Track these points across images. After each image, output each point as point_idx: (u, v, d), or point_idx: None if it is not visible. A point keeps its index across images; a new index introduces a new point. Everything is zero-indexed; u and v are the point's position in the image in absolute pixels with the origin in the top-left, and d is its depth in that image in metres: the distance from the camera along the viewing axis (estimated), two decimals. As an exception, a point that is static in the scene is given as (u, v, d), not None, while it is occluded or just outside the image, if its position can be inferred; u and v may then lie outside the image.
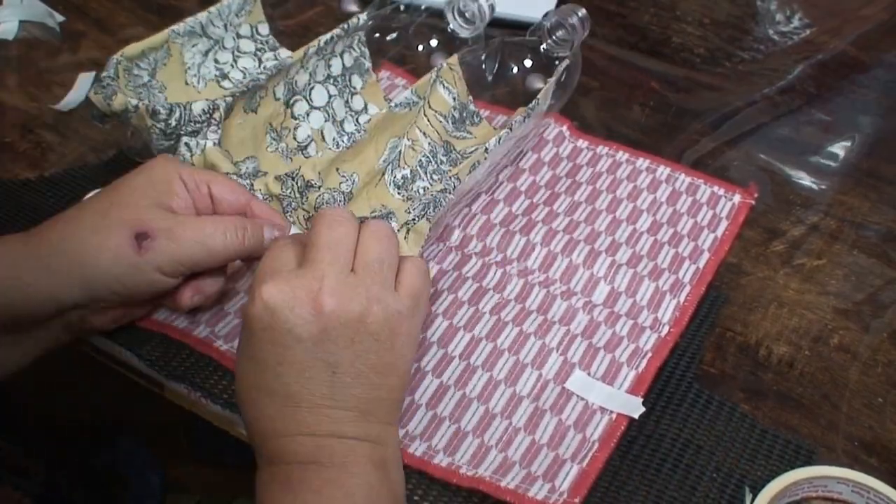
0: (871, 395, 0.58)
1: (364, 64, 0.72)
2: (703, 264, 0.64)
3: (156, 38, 0.67)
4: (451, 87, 0.68)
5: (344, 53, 0.71)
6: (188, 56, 0.69)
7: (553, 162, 0.71)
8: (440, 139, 0.66)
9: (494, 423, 0.55)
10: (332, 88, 0.70)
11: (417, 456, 0.53)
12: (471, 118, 0.70)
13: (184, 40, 0.68)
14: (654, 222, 0.67)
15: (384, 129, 0.65)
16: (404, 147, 0.65)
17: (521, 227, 0.66)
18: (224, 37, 0.71)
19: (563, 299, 0.61)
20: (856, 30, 0.86)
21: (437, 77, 0.67)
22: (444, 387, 0.56)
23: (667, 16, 0.87)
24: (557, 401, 0.56)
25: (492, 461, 0.53)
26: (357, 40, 0.71)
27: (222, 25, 0.71)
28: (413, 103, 0.67)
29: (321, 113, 0.69)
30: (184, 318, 0.59)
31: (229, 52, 0.71)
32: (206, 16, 0.70)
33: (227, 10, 0.71)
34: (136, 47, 0.66)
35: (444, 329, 0.59)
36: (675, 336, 0.59)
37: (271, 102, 0.67)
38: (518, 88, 0.72)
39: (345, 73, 0.71)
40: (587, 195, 0.69)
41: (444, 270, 0.63)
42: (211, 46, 0.70)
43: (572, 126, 0.73)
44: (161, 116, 0.61)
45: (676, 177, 0.70)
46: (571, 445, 0.53)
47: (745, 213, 0.68)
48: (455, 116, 0.68)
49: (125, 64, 0.65)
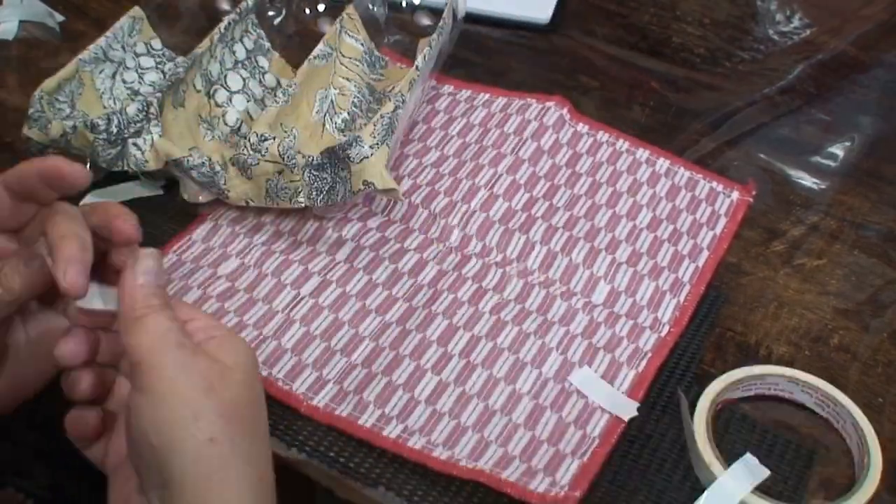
0: (871, 395, 0.58)
1: (263, 45, 0.74)
2: (703, 263, 0.64)
3: (67, 70, 0.68)
4: (356, 35, 0.73)
5: (244, 38, 0.72)
6: (98, 82, 0.70)
7: (553, 150, 0.71)
8: (363, 81, 0.71)
9: (494, 419, 0.55)
10: (244, 72, 0.72)
11: (417, 449, 0.53)
12: (379, 62, 0.74)
13: (92, 67, 0.70)
14: (654, 218, 0.67)
15: (310, 83, 0.69)
16: (334, 96, 0.68)
17: (521, 225, 0.66)
18: (125, 57, 0.72)
19: (563, 300, 0.61)
20: (856, 30, 0.85)
21: (342, 27, 0.72)
22: (444, 384, 0.56)
23: (667, 16, 0.87)
24: (557, 398, 0.56)
25: (492, 455, 0.53)
26: (251, 23, 0.73)
27: (120, 47, 0.72)
28: (328, 55, 0.70)
29: (242, 96, 0.70)
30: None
31: (133, 70, 0.72)
32: (105, 41, 0.71)
33: (121, 33, 0.72)
34: (52, 81, 0.67)
35: (444, 328, 0.59)
36: (675, 336, 0.59)
37: (194, 95, 0.68)
38: (411, 29, 0.77)
39: (250, 56, 0.73)
40: (587, 188, 0.69)
41: (443, 271, 0.63)
42: (116, 69, 0.71)
43: (572, 109, 0.73)
44: (101, 128, 0.63)
45: (676, 170, 0.70)
46: (572, 441, 0.53)
47: (743, 210, 0.68)
48: (367, 60, 0.73)
49: (47, 98, 0.66)
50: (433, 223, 0.66)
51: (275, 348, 0.58)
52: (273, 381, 0.56)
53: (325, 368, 0.57)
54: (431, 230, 0.65)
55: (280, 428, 0.54)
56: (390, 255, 0.63)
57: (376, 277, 0.62)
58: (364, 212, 0.66)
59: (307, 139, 0.66)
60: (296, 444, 0.54)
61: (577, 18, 0.86)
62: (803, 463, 0.54)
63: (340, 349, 0.58)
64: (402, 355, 0.58)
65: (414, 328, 0.59)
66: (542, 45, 0.83)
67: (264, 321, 0.59)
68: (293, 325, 0.59)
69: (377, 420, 0.54)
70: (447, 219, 0.66)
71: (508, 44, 0.73)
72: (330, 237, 0.64)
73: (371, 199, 0.67)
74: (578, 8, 0.87)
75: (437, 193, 0.67)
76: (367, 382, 0.56)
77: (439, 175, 0.68)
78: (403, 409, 0.55)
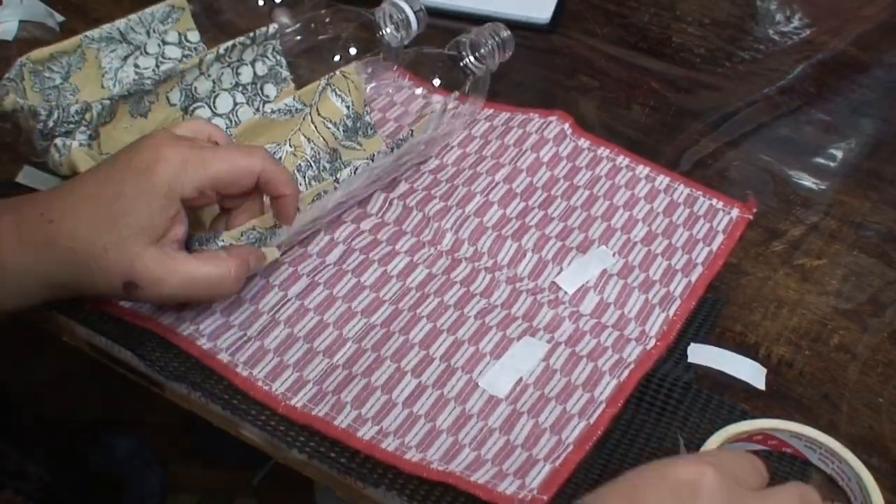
0: (870, 395, 0.58)
1: (281, 73, 0.72)
2: (696, 278, 0.64)
3: (66, 43, 0.67)
4: (345, 96, 0.66)
5: (256, 62, 0.70)
6: (106, 61, 0.69)
7: (552, 162, 0.71)
8: (326, 146, 0.65)
9: (470, 423, 0.55)
10: (241, 96, 0.70)
11: (390, 451, 0.53)
12: (364, 130, 0.68)
13: (100, 45, 0.69)
14: (649, 233, 0.66)
15: (258, 135, 0.65)
16: (285, 153, 0.64)
17: (514, 232, 0.65)
18: (147, 42, 0.71)
19: (551, 308, 0.61)
20: (856, 30, 0.86)
21: (329, 84, 0.66)
22: (423, 386, 0.56)
23: (667, 16, 0.87)
24: (536, 404, 0.56)
25: (464, 458, 0.53)
26: (272, 49, 0.71)
27: (144, 32, 0.71)
28: (296, 110, 0.67)
29: (223, 120, 0.69)
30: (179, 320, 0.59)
31: (153, 57, 0.71)
32: (124, 23, 0.70)
33: (150, 18, 0.71)
34: (43, 51, 0.66)
35: (428, 331, 0.59)
36: (660, 349, 0.59)
37: (164, 108, 0.67)
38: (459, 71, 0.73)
39: (256, 82, 0.71)
40: (583, 200, 0.68)
41: (433, 275, 0.63)
42: (131, 52, 0.70)
43: (574, 124, 0.73)
44: (41, 117, 0.62)
45: (675, 187, 0.69)
46: (546, 447, 0.53)
47: (742, 227, 0.67)
48: (348, 125, 0.67)
49: (31, 66, 0.65)
50: (426, 226, 0.66)
51: (257, 349, 0.58)
52: (253, 382, 0.56)
53: (307, 369, 0.57)
54: (424, 233, 0.65)
55: (280, 429, 0.54)
56: (380, 257, 0.63)
57: (365, 280, 0.62)
58: (358, 213, 0.66)
59: None
60: (296, 444, 0.54)
61: (577, 18, 0.86)
62: (801, 462, 0.54)
63: (323, 350, 0.58)
64: (384, 357, 0.58)
65: (397, 331, 0.59)
66: (542, 45, 0.83)
67: (249, 322, 0.59)
68: (277, 326, 0.59)
69: (353, 421, 0.54)
70: (440, 222, 0.66)
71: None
72: (322, 239, 0.64)
73: (367, 201, 0.67)
74: (578, 8, 0.87)
75: (433, 198, 0.67)
76: (346, 383, 0.56)
77: (436, 181, 0.68)
78: (380, 410, 0.55)
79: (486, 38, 0.72)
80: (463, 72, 0.71)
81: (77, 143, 0.61)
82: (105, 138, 0.63)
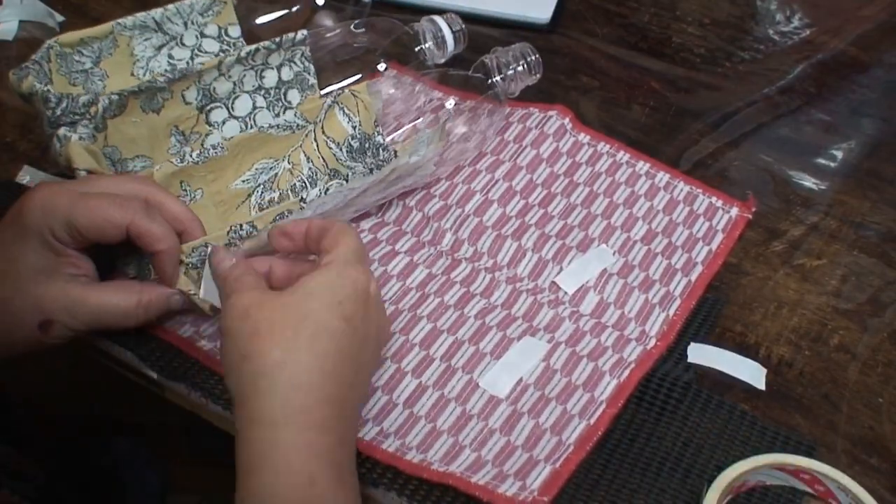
0: (870, 395, 0.58)
1: (308, 79, 0.70)
2: (696, 277, 0.64)
3: (97, 29, 0.67)
4: (353, 115, 0.63)
5: (282, 67, 0.69)
6: (139, 49, 0.68)
7: (552, 158, 0.70)
8: (325, 166, 0.63)
9: (470, 424, 0.55)
10: (261, 100, 0.69)
11: (390, 452, 0.53)
12: (374, 150, 0.63)
13: (133, 33, 0.68)
14: (649, 231, 0.66)
15: (252, 150, 0.64)
16: (282, 170, 0.63)
17: (514, 231, 0.65)
18: (184, 34, 0.70)
19: (551, 307, 0.61)
20: (856, 30, 0.86)
21: (336, 102, 0.63)
22: (423, 387, 0.56)
23: (667, 16, 0.87)
24: (536, 404, 0.56)
25: (464, 459, 0.53)
26: (301, 54, 0.69)
27: (182, 23, 0.70)
28: (297, 126, 0.65)
29: (239, 123, 0.68)
30: (179, 323, 0.59)
31: (188, 49, 0.70)
32: (160, 12, 0.69)
33: (188, 10, 0.70)
34: (73, 35, 0.66)
35: (428, 331, 0.59)
36: (661, 349, 0.59)
37: (179, 105, 0.66)
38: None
39: (280, 87, 0.69)
40: (583, 198, 0.68)
41: (433, 275, 0.63)
42: (166, 42, 0.70)
43: (575, 118, 0.73)
44: (51, 104, 0.61)
45: (675, 184, 0.69)
46: (546, 448, 0.53)
47: (741, 226, 0.67)
48: (353, 146, 0.63)
49: (58, 49, 0.65)
50: (426, 226, 0.65)
51: None
52: None
53: None
54: (424, 233, 0.65)
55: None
56: (380, 257, 0.63)
57: None
58: (358, 214, 0.66)
59: (211, 206, 0.63)
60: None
61: (577, 18, 0.86)
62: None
63: None
64: (384, 357, 0.58)
65: (398, 331, 0.59)
66: (542, 45, 0.83)
67: None
68: None
69: None
70: (440, 222, 0.65)
71: (508, 44, 0.73)
72: None
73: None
74: (578, 8, 0.87)
75: (432, 197, 0.67)
76: None
77: (436, 179, 0.68)
78: (381, 411, 0.55)
79: (512, 61, 0.71)
80: (493, 93, 0.71)
81: (77, 137, 0.61)
82: (112, 131, 0.63)
